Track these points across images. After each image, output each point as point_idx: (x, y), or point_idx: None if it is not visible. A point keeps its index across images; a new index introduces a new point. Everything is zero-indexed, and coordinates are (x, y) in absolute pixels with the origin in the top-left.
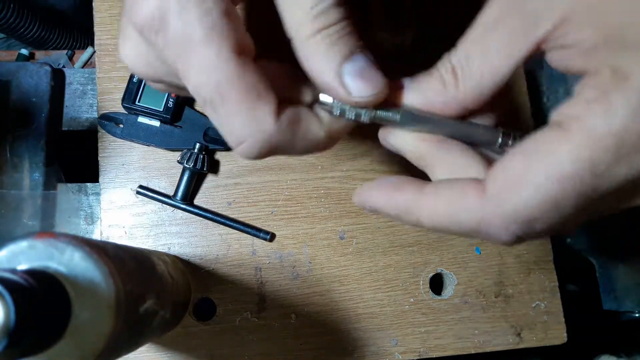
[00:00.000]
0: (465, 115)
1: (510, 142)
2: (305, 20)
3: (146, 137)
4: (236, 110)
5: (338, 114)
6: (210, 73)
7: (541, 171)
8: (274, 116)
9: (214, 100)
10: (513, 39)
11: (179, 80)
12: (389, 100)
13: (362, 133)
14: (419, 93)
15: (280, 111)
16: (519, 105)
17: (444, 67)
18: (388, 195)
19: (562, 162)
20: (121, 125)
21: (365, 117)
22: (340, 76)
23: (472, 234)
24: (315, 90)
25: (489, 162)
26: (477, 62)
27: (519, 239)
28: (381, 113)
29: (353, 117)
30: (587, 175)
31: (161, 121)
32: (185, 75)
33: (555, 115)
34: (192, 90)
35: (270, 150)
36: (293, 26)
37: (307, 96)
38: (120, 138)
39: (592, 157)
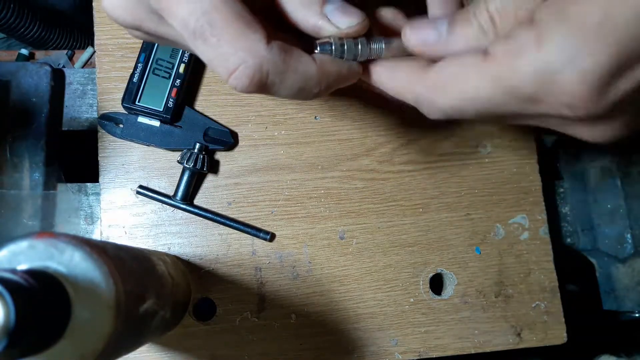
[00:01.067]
0: None
1: None
2: None
3: (146, 137)
4: (227, 37)
5: (338, 54)
6: (197, 1)
7: (456, 86)
8: (265, 41)
9: (203, 29)
10: None
11: (160, 25)
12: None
13: (362, 133)
14: (459, 43)
15: (271, 40)
16: None
17: (482, 14)
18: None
19: (470, 88)
20: (121, 125)
21: (362, 51)
22: (325, 16)
23: (414, 104)
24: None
25: None
26: (512, 10)
27: (443, 117)
28: (375, 44)
29: (351, 56)
30: (486, 102)
31: (161, 121)
32: (170, 10)
33: (491, 44)
34: (180, 25)
35: (261, 79)
36: None
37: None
38: (120, 138)
39: (491, 95)
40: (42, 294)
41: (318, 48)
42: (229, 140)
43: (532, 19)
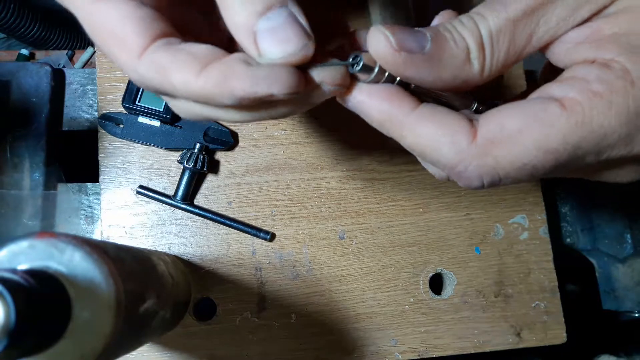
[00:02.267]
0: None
1: (481, 108)
2: None
3: (146, 137)
4: (112, 47)
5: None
6: (82, 14)
7: (534, 138)
8: (138, 53)
9: (91, 36)
10: (567, 13)
11: None
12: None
13: (363, 133)
14: (443, 66)
15: (144, 51)
16: None
17: (472, 38)
18: (381, 100)
19: (554, 137)
20: (121, 125)
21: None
22: (254, 34)
23: (444, 168)
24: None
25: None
26: (507, 41)
27: (482, 188)
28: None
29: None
30: (566, 154)
31: (161, 121)
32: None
33: (557, 90)
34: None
35: (148, 86)
36: None
37: None
38: (121, 138)
39: (579, 143)
40: (42, 294)
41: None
42: (229, 140)
43: (605, 61)
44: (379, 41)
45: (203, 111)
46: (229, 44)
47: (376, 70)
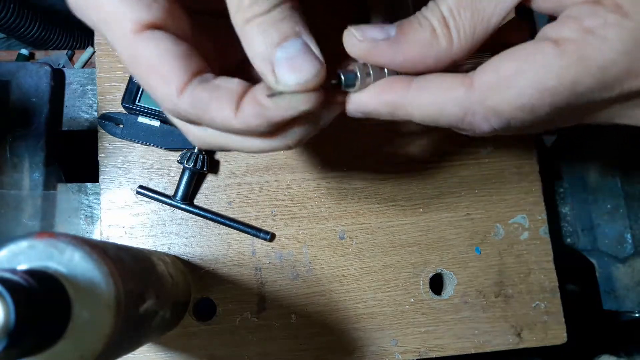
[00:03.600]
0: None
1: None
2: (241, 6)
3: (146, 137)
4: (145, 82)
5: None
6: (121, 48)
7: (529, 78)
8: (178, 89)
9: (129, 68)
10: None
11: None
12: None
13: (362, 134)
14: (410, 46)
15: (185, 87)
16: None
17: (434, 16)
18: (378, 95)
19: (549, 75)
20: (121, 125)
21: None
22: (271, 63)
23: (457, 123)
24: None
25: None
26: (468, 13)
27: (494, 131)
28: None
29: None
30: (566, 93)
31: (161, 121)
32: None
33: (551, 31)
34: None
35: (184, 119)
36: (232, 10)
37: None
38: (120, 138)
39: (577, 79)
40: (42, 294)
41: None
42: None
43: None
44: (347, 37)
45: (225, 141)
46: (236, 69)
47: (359, 75)
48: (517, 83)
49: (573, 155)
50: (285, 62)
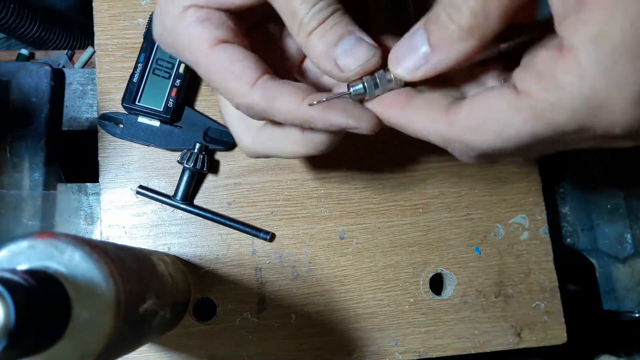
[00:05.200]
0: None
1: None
2: (302, 25)
3: (146, 137)
4: (221, 84)
5: (353, 96)
6: (201, 62)
7: (494, 127)
8: (250, 84)
9: (206, 77)
10: None
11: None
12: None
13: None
14: (443, 59)
15: (257, 82)
16: None
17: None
18: (380, 110)
19: (510, 127)
20: (121, 125)
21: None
22: (333, 59)
23: (440, 145)
24: None
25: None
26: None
27: (476, 161)
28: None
29: (358, 91)
30: (528, 141)
31: (161, 121)
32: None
33: (517, 75)
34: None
35: (255, 113)
36: (294, 30)
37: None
38: (120, 138)
39: (535, 132)
40: (42, 294)
41: (351, 90)
42: (229, 140)
43: (562, 46)
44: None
45: (275, 147)
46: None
47: (366, 87)
48: (485, 129)
49: (573, 155)
50: (344, 54)
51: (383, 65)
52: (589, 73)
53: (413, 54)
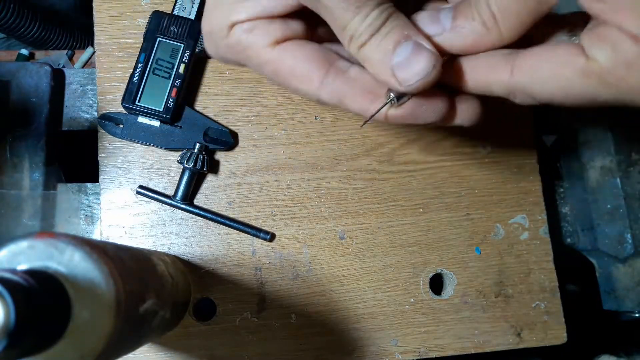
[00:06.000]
0: None
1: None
2: (354, 36)
3: (146, 137)
4: (290, 85)
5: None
6: (266, 66)
7: (557, 84)
8: (318, 86)
9: (275, 80)
10: None
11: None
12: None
13: (363, 134)
14: (464, 37)
15: (326, 82)
16: None
17: (482, 8)
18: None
19: (574, 87)
20: (121, 126)
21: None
22: (391, 69)
23: (504, 96)
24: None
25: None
26: (514, 10)
27: (535, 103)
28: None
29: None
30: (587, 99)
31: (161, 121)
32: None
33: (588, 41)
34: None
35: (327, 104)
36: (345, 42)
37: None
38: (121, 138)
39: (596, 95)
40: (42, 294)
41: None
42: (229, 140)
43: (604, 20)
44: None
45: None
46: None
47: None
48: (551, 84)
49: (573, 155)
50: (402, 65)
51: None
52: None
53: (436, 23)
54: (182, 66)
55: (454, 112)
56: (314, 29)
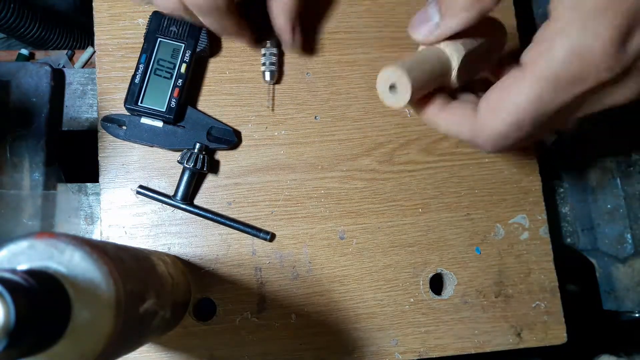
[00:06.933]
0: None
1: None
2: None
3: (149, 138)
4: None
5: None
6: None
7: (508, 104)
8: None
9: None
10: None
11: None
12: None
13: (363, 134)
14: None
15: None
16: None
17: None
18: (427, 106)
19: (521, 98)
20: (124, 127)
21: None
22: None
23: (469, 142)
24: None
25: None
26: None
27: (499, 150)
28: None
29: None
30: (536, 106)
31: (164, 121)
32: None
33: (523, 56)
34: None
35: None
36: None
37: None
38: (124, 140)
39: (540, 94)
40: (42, 294)
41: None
42: (233, 139)
43: (550, 18)
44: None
45: None
46: None
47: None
48: (500, 108)
49: (573, 155)
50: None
51: None
52: (572, 31)
53: (427, 23)
54: (184, 66)
55: None
56: None
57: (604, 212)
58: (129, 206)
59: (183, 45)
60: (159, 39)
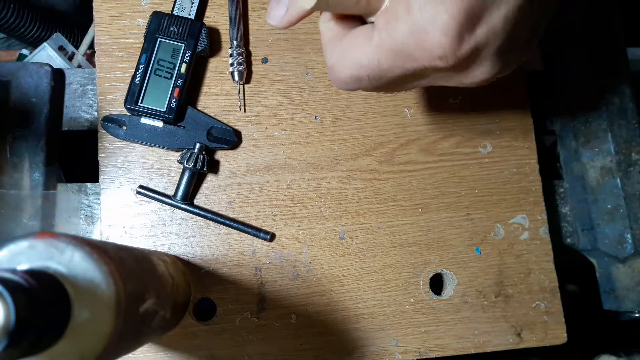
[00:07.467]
0: None
1: None
2: None
3: (150, 138)
4: None
5: None
6: None
7: (350, 60)
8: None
9: None
10: None
11: None
12: None
13: (363, 133)
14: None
15: None
16: None
17: None
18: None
19: (362, 58)
20: (124, 127)
21: None
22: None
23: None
24: None
25: None
26: None
27: (347, 90)
28: None
29: None
30: (373, 69)
31: (164, 121)
32: None
33: (378, 15)
34: None
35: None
36: None
37: None
38: (124, 140)
39: (378, 60)
40: (42, 294)
41: None
42: (233, 139)
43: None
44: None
45: None
46: None
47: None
48: (346, 59)
49: (573, 155)
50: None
51: None
52: (415, 8)
53: (279, 9)
54: (184, 66)
55: None
56: None
57: (604, 212)
58: (129, 206)
59: (183, 45)
60: (159, 39)
